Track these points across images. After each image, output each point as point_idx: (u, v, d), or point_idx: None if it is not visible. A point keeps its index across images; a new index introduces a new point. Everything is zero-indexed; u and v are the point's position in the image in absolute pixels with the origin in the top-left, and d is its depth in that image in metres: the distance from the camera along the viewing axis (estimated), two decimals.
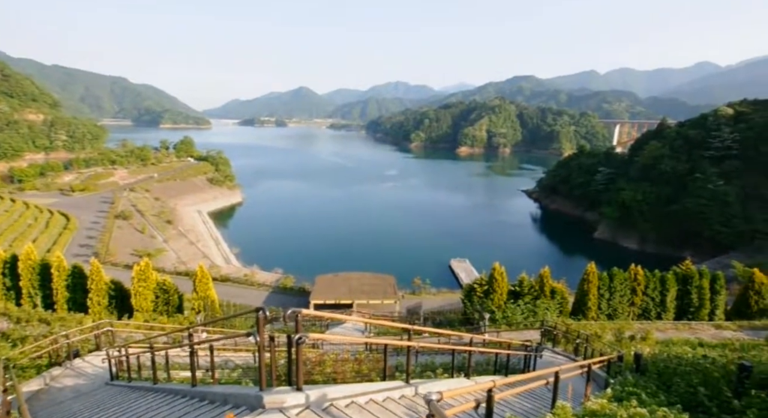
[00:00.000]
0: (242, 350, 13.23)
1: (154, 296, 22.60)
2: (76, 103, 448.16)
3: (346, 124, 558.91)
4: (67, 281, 22.02)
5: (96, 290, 21.82)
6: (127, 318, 20.85)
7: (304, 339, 3.63)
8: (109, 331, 11.95)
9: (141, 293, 22.10)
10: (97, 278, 21.74)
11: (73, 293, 22.26)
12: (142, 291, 22.13)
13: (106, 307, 21.95)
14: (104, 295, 22.21)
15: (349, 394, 4.43)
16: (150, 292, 22.36)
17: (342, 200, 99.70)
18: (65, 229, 56.38)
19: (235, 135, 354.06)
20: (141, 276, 22.18)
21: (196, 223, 73.67)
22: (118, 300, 22.84)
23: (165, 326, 17.15)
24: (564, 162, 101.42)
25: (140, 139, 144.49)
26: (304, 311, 3.86)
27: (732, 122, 69.02)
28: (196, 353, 5.50)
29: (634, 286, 23.95)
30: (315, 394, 3.99)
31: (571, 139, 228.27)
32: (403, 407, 4.68)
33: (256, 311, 3.68)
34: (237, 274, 49.74)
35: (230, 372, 8.76)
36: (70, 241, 53.29)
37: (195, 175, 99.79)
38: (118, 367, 8.88)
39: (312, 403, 3.86)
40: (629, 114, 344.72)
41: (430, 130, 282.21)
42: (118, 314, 21.79)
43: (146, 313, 21.98)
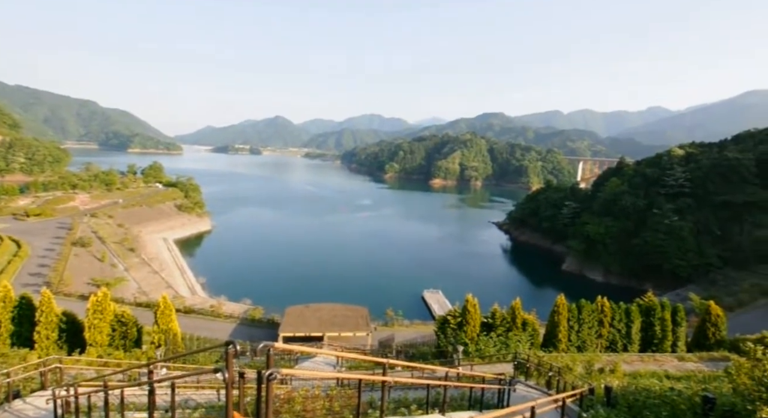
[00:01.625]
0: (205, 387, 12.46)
1: (110, 329, 21.13)
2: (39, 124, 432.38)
3: (321, 153, 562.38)
4: (12, 313, 20.32)
5: (45, 323, 20.18)
6: (78, 353, 19.35)
7: (275, 375, 3.46)
8: (57, 368, 10.91)
9: (96, 326, 20.62)
10: (47, 309, 20.19)
11: (19, 326, 20.47)
12: (98, 324, 20.66)
13: (55, 341, 20.28)
14: (54, 328, 20.55)
15: None
16: (106, 324, 20.92)
17: (315, 230, 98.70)
18: (15, 256, 52.61)
19: (208, 161, 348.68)
20: (97, 307, 20.78)
21: (161, 251, 70.79)
22: (70, 334, 21.16)
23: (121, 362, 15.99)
24: (532, 196, 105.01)
25: (106, 163, 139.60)
26: (276, 344, 3.71)
27: (683, 162, 74.26)
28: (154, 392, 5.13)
29: (602, 318, 24.47)
30: None
31: (539, 173, 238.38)
32: None
33: (226, 345, 3.50)
34: (203, 305, 47.61)
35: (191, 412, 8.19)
36: (20, 269, 49.65)
37: (163, 202, 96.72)
38: (64, 409, 8.09)
39: None
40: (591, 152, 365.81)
41: (405, 161, 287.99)
42: (68, 349, 20.16)
43: (101, 348, 20.44)
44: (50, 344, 19.94)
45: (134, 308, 40.74)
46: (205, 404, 9.45)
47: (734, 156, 67.96)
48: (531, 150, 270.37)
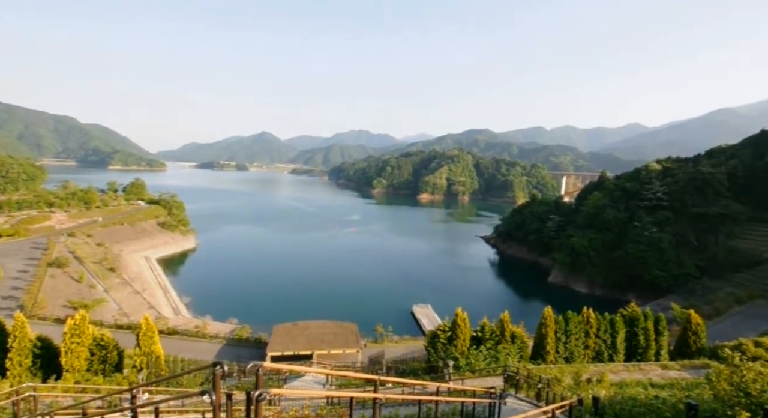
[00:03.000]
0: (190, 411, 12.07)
1: (89, 354, 20.39)
2: (13, 141, 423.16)
3: (308, 169, 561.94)
4: None
5: (18, 349, 19.32)
6: (54, 380, 18.55)
7: (265, 396, 3.40)
8: (31, 396, 10.34)
9: (74, 351, 19.87)
10: (21, 334, 19.38)
11: None
12: (75, 348, 19.92)
13: (29, 368, 19.39)
14: (28, 354, 19.67)
15: None
16: (84, 348, 20.19)
17: (303, 246, 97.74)
18: None
19: (192, 178, 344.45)
20: (75, 331, 20.07)
21: (143, 270, 69.05)
22: (45, 359, 20.27)
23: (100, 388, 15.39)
24: (518, 210, 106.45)
25: (85, 181, 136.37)
26: (265, 364, 3.66)
27: (661, 176, 76.91)
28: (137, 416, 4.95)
29: (587, 329, 24.69)
30: None
31: (524, 188, 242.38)
32: None
33: (213, 366, 3.44)
34: (187, 325, 46.37)
35: None
36: None
37: (145, 220, 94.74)
38: None
39: None
40: (574, 167, 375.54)
41: (392, 177, 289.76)
42: (43, 376, 19.30)
43: (78, 373, 19.65)
44: (23, 371, 19.10)
45: (115, 330, 39.40)
46: None
47: (708, 170, 70.75)
48: (516, 165, 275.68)
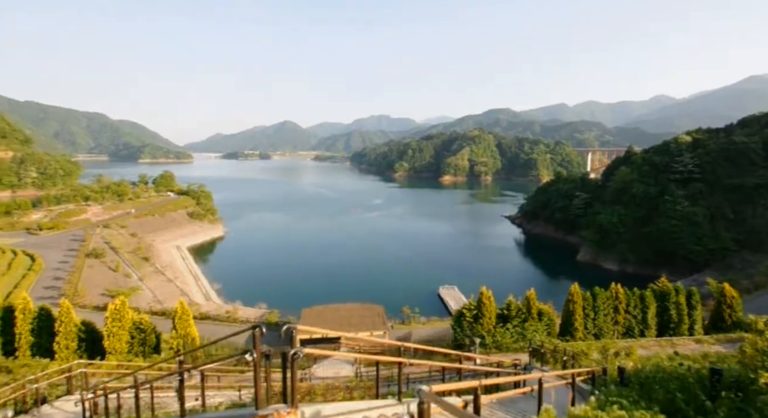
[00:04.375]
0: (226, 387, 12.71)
1: (129, 337, 21.56)
2: (50, 139, 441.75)
3: (330, 156, 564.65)
4: (32, 325, 20.80)
5: (65, 333, 20.61)
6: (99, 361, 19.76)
7: (299, 354, 3.60)
8: (82, 373, 11.23)
9: (115, 334, 21.05)
10: (67, 319, 20.64)
11: (39, 337, 20.91)
12: (117, 331, 21.09)
13: (74, 350, 20.68)
14: (73, 337, 20.97)
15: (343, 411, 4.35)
16: (125, 332, 21.34)
17: (327, 231, 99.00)
18: (29, 270, 53.38)
19: (218, 168, 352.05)
20: (116, 315, 21.22)
21: (175, 259, 71.68)
22: (89, 343, 21.53)
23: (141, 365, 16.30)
24: (543, 188, 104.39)
25: (117, 175, 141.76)
26: (299, 327, 3.86)
27: (691, 148, 73.75)
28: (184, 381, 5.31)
29: (617, 304, 24.33)
30: (310, 411, 3.92)
31: (548, 166, 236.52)
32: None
33: (253, 328, 3.67)
34: (218, 311, 48.12)
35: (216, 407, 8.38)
36: (35, 283, 50.33)
37: (175, 210, 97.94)
38: (92, 410, 8.33)
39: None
40: (599, 142, 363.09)
41: (414, 160, 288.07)
42: (87, 358, 20.51)
43: (120, 355, 20.84)
44: (70, 354, 20.38)
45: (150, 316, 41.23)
46: (226, 403, 9.62)
47: (741, 140, 67.45)
48: (539, 143, 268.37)
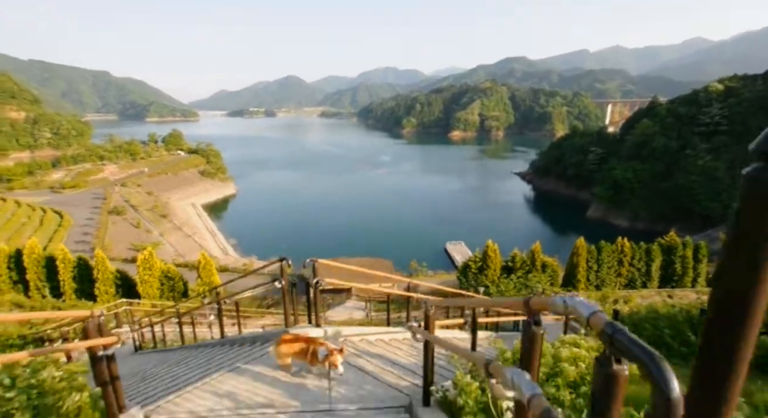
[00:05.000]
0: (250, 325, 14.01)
1: (159, 284, 23.27)
2: (58, 99, 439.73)
3: (336, 112, 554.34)
4: (73, 273, 22.60)
5: (102, 280, 22.45)
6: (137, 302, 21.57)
7: (321, 283, 4.34)
8: (126, 310, 12.74)
9: (147, 281, 22.75)
10: (103, 267, 22.33)
11: (80, 283, 22.88)
12: (148, 279, 22.77)
13: (113, 295, 22.64)
14: (111, 284, 22.85)
15: (360, 333, 5.18)
16: (155, 279, 23.02)
17: (336, 188, 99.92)
18: (60, 226, 56.35)
19: (225, 127, 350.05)
20: (146, 264, 22.79)
21: (191, 216, 73.89)
22: (124, 288, 23.50)
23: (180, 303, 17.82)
24: (557, 143, 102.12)
25: (127, 134, 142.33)
26: (320, 260, 4.58)
27: (722, 98, 69.68)
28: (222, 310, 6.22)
29: (621, 257, 25.06)
30: (331, 330, 4.74)
31: (564, 120, 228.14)
32: (405, 344, 5.45)
33: (280, 260, 4.39)
34: (235, 264, 50.29)
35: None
36: (66, 238, 53.22)
37: (186, 169, 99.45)
38: (141, 340, 9.57)
39: (329, 337, 4.61)
40: (621, 93, 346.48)
41: (422, 115, 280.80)
42: None
43: (153, 300, 22.68)
44: (110, 298, 22.24)
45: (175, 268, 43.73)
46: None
47: None
48: (556, 95, 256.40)
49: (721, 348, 0.79)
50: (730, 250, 0.62)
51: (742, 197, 0.78)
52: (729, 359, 0.78)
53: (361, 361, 4.33)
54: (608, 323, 0.97)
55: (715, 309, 0.85)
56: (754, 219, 0.74)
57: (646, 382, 0.82)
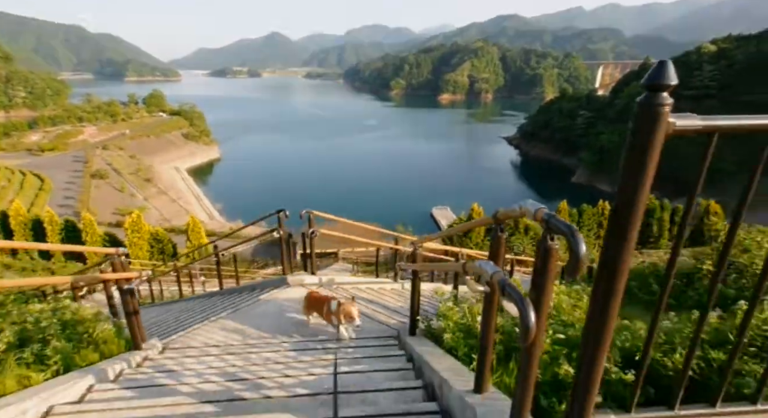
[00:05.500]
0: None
1: (149, 246, 23.45)
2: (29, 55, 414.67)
3: (323, 72, 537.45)
4: (61, 235, 22.57)
5: (91, 242, 22.53)
6: None
7: (316, 233, 4.67)
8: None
9: (136, 243, 22.89)
10: (91, 230, 22.34)
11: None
12: (137, 241, 22.91)
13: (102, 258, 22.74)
14: (99, 246, 22.95)
15: (352, 282, 5.60)
16: (144, 242, 23.17)
17: (323, 152, 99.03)
18: (41, 190, 54.99)
19: (208, 87, 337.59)
20: (134, 227, 22.85)
21: (175, 180, 72.89)
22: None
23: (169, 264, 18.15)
24: (545, 107, 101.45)
25: (105, 94, 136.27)
26: (314, 212, 4.88)
27: (714, 60, 68.54)
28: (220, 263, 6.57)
29: (601, 220, 26.01)
30: (326, 278, 5.13)
31: (554, 82, 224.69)
32: (393, 293, 5.90)
33: (278, 212, 4.69)
34: (222, 228, 50.21)
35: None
36: (48, 202, 52.18)
37: (169, 131, 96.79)
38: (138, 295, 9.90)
39: (324, 283, 5.01)
40: (614, 54, 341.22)
41: (411, 76, 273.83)
42: None
43: (143, 262, 22.93)
44: (99, 260, 22.38)
45: None
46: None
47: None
48: (547, 56, 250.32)
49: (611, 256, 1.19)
50: (623, 167, 1.19)
51: (635, 119, 1.11)
52: (611, 281, 1.17)
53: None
54: (546, 212, 1.35)
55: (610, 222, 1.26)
56: (644, 136, 1.10)
57: (568, 249, 1.18)
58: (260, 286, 5.57)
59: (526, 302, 1.20)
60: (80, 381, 2.78)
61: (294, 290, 4.89)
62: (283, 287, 4.96)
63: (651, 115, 1.07)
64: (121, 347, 3.59)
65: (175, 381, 2.83)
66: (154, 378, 2.96)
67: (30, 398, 2.37)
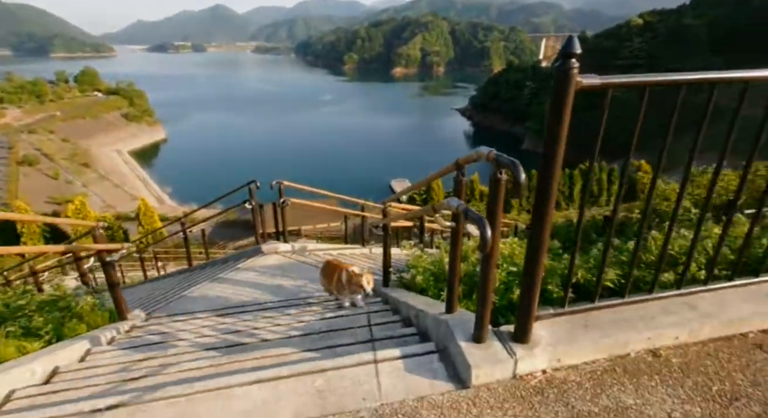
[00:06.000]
0: None
1: None
2: None
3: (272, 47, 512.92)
4: None
5: (29, 234, 21.02)
6: None
7: (287, 202, 4.88)
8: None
9: (80, 232, 21.62)
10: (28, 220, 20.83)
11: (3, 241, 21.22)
12: (82, 230, 21.64)
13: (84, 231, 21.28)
14: (39, 238, 21.47)
15: (324, 248, 5.90)
16: None
17: (277, 129, 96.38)
18: None
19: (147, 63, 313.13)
20: (78, 215, 21.57)
21: (117, 164, 68.53)
22: (56, 242, 22.16)
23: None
24: (494, 79, 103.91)
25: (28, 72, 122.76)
26: (285, 182, 5.08)
27: (642, 32, 73.79)
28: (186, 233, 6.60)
29: None
30: (298, 245, 5.40)
31: (501, 55, 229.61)
32: (363, 256, 6.27)
33: (248, 184, 4.84)
34: (175, 212, 48.11)
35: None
36: None
37: (107, 112, 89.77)
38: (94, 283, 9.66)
39: (297, 250, 5.27)
40: (555, 27, 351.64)
41: (363, 50, 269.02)
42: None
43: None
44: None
45: None
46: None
47: (689, 23, 67.88)
48: (494, 30, 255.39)
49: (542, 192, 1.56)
50: (548, 120, 1.52)
51: (555, 80, 1.50)
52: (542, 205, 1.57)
53: None
54: (496, 153, 1.81)
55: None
56: (561, 92, 1.48)
57: (511, 180, 1.59)
58: (233, 258, 5.73)
59: (484, 222, 1.58)
60: (77, 346, 2.94)
61: (270, 257, 5.12)
62: (258, 255, 5.17)
63: (565, 76, 1.46)
64: (105, 318, 3.71)
65: (171, 338, 3.05)
66: (150, 338, 3.16)
67: (35, 361, 2.54)
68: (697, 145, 1.91)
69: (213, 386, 1.84)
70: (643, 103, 1.72)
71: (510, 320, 2.31)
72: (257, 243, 5.21)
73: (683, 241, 2.58)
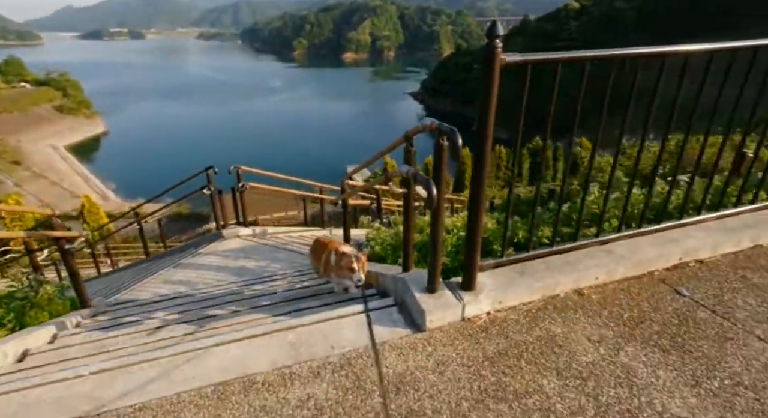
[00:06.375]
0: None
1: None
2: None
3: (217, 33, 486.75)
4: None
5: None
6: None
7: (246, 187, 4.95)
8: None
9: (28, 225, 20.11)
10: None
11: None
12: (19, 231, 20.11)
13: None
14: None
15: (285, 231, 6.01)
16: None
17: (226, 118, 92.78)
18: None
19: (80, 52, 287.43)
20: (14, 216, 19.95)
21: (54, 160, 63.54)
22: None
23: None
24: (443, 62, 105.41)
25: None
26: (243, 167, 5.13)
27: (578, 16, 78.08)
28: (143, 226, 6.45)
29: (499, 162, 29.26)
30: (259, 229, 5.48)
31: (450, 39, 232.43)
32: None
33: (206, 169, 4.85)
34: (122, 208, 45.70)
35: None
36: None
37: (37, 104, 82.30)
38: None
39: (258, 234, 5.36)
40: (498, 11, 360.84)
41: (312, 36, 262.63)
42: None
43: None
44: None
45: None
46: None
47: (620, 6, 71.99)
48: (441, 14, 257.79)
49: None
50: (480, 97, 1.79)
51: (483, 60, 1.77)
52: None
53: (290, 247, 5.22)
54: (437, 122, 2.06)
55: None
56: (489, 69, 1.76)
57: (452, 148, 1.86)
58: (193, 244, 5.71)
59: (430, 183, 1.83)
60: (44, 331, 2.96)
61: (231, 241, 5.18)
62: (220, 240, 5.21)
63: (491, 55, 1.72)
64: (67, 307, 3.69)
65: (139, 318, 3.13)
66: (119, 320, 3.21)
67: (4, 345, 2.56)
68: (625, 121, 2.31)
69: (191, 348, 2.00)
70: (556, 79, 2.02)
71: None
72: (218, 228, 5.24)
73: (611, 204, 3.00)
